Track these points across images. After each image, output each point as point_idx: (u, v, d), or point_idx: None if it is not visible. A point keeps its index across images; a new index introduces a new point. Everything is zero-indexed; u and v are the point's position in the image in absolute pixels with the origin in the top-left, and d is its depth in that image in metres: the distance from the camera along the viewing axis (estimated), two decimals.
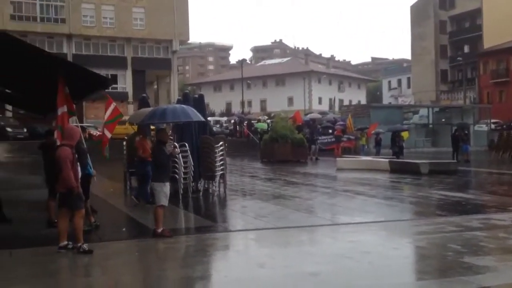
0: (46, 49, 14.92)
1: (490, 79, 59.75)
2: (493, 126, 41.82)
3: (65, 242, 7.66)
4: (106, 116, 11.28)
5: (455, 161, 23.69)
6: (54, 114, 9.57)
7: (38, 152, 10.34)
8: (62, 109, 8.83)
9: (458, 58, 64.43)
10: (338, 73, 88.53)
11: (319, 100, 75.99)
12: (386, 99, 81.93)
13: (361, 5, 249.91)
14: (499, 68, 59.37)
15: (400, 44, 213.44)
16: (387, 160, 22.07)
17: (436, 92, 68.84)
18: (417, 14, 72.37)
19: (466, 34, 67.18)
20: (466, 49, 66.66)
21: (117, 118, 11.61)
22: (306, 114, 44.33)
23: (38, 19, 49.12)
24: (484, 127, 40.59)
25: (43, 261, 7.32)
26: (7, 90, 15.46)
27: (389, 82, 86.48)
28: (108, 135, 11.29)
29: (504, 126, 40.24)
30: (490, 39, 60.35)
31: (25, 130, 35.28)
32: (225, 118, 51.86)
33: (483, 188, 16.95)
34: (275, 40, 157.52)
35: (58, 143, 8.13)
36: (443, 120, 42.27)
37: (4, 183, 11.29)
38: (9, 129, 34.75)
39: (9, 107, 25.44)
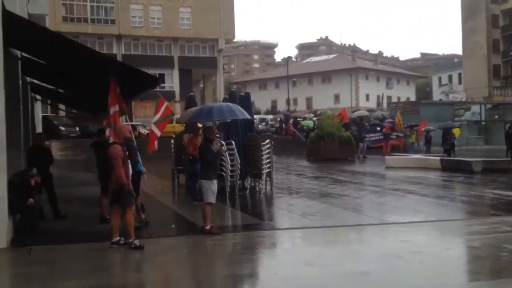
0: (97, 50, 15.32)
1: None
2: None
3: (117, 238, 7.85)
4: (158, 115, 11.46)
5: (509, 159, 22.85)
6: (105, 113, 9.82)
7: (90, 150, 10.65)
8: (114, 108, 9.05)
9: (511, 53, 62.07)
10: (386, 69, 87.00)
11: (367, 97, 74.87)
12: (436, 95, 79.78)
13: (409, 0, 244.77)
14: None
15: (450, 39, 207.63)
16: (438, 158, 21.49)
17: (489, 88, 66.53)
18: (468, 8, 70.13)
19: None
20: None
21: (168, 117, 11.80)
22: (353, 112, 43.78)
23: (89, 21, 50.60)
24: None
25: (97, 256, 7.53)
26: (60, 90, 16.02)
27: (439, 78, 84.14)
28: (158, 133, 11.47)
29: None
30: None
31: (77, 129, 36.42)
32: (270, 116, 51.88)
33: None
34: (321, 37, 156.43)
35: (111, 141, 8.32)
36: (496, 117, 40.85)
37: (59, 180, 11.66)
38: (62, 128, 35.94)
39: (62, 107, 26.36)
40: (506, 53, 65.40)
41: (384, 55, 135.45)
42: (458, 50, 78.43)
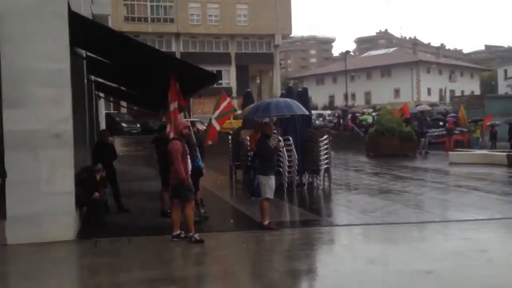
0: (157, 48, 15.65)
1: None
2: None
3: (178, 232, 8.01)
4: (218, 110, 11.58)
5: None
6: (165, 110, 10.03)
7: (151, 146, 10.90)
8: (173, 105, 9.22)
9: None
10: (449, 62, 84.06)
11: (428, 91, 72.69)
12: (502, 89, 76.34)
13: None
14: None
15: None
16: (505, 153, 20.57)
17: None
18: None
19: None
20: None
21: (229, 113, 11.88)
22: (416, 106, 42.61)
23: (149, 20, 51.85)
24: None
25: (158, 249, 7.72)
26: (122, 88, 16.52)
27: (505, 71, 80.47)
28: (217, 127, 11.56)
29: None
30: None
31: (138, 125, 37.44)
32: (328, 112, 51.39)
33: None
34: (380, 31, 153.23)
35: (171, 137, 8.49)
36: None
37: (122, 175, 12.02)
38: (124, 125, 37.05)
39: (124, 104, 27.19)
40: None
41: (447, 47, 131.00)
42: None
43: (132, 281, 6.15)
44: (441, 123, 32.37)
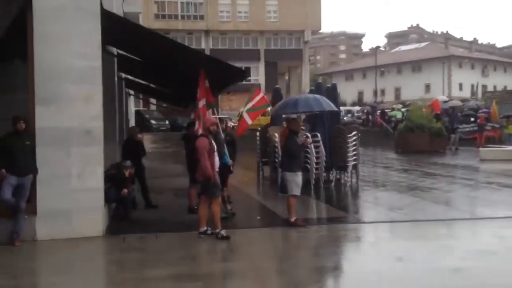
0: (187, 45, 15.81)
1: None
2: None
3: (205, 228, 8.09)
4: (251, 103, 11.56)
5: None
6: (194, 107, 10.10)
7: (180, 142, 10.99)
8: (202, 102, 9.29)
9: None
10: (482, 57, 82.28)
11: (460, 86, 71.35)
12: None
13: None
14: None
15: None
16: None
17: None
18: None
19: None
20: None
21: (262, 107, 11.86)
22: (445, 102, 41.89)
23: (179, 17, 52.32)
24: None
25: (185, 245, 7.81)
26: (152, 85, 16.73)
27: None
28: (249, 121, 11.50)
29: None
30: None
31: (167, 122, 37.83)
32: (357, 108, 50.99)
33: None
34: (411, 25, 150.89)
35: (199, 133, 8.56)
36: None
37: (150, 172, 12.19)
38: (153, 122, 37.52)
39: (153, 101, 27.51)
40: None
41: (480, 42, 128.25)
42: None
43: (159, 277, 6.25)
44: (472, 119, 31.78)
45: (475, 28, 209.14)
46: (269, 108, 14.88)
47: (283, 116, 13.64)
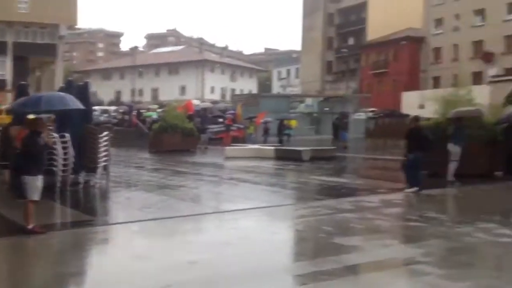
0: None
1: (371, 70, 63.44)
2: (370, 114, 44.48)
3: None
4: None
5: (334, 147, 24.87)
6: None
7: None
8: None
9: (343, 50, 67.50)
10: (231, 62, 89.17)
11: (212, 89, 76.19)
12: (276, 89, 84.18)
13: None
14: (379, 59, 63.14)
15: (292, 35, 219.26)
16: (273, 148, 22.72)
17: (322, 82, 71.86)
18: (308, 6, 74.91)
19: (352, 26, 70.35)
20: (351, 41, 69.99)
21: None
22: (197, 105, 44.20)
23: None
24: (363, 116, 43.08)
25: None
26: None
27: (279, 72, 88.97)
28: None
29: (381, 114, 42.98)
30: (373, 32, 63.94)
31: None
32: (113, 107, 50.26)
33: (357, 173, 18.25)
34: (170, 28, 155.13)
35: None
36: (327, 109, 44.38)
37: None
38: None
39: None
40: (339, 50, 70.99)
41: (230, 48, 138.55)
42: (298, 46, 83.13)
43: None
44: (220, 120, 34.26)
45: (227, 35, 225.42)
46: (4, 107, 13.72)
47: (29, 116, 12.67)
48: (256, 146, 24.90)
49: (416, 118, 12.67)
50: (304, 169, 18.09)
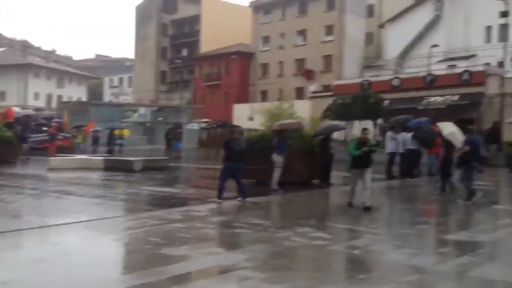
0: None
1: (204, 82, 64.87)
2: (204, 125, 45.43)
3: None
4: None
5: (166, 157, 24.89)
6: None
7: None
8: None
9: (177, 61, 67.97)
10: (59, 67, 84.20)
11: (36, 95, 71.18)
12: (108, 97, 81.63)
13: (88, 1, 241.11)
14: (212, 72, 64.87)
15: (125, 43, 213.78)
16: (102, 158, 21.96)
17: (156, 92, 71.48)
18: (142, 15, 73.95)
19: (185, 38, 71.09)
20: (185, 52, 70.68)
21: None
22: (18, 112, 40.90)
23: None
24: (196, 126, 43.81)
25: None
26: None
27: (111, 80, 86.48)
28: None
29: (214, 125, 44.14)
30: (206, 45, 65.56)
31: None
32: None
33: (189, 183, 18.54)
34: None
35: None
36: (160, 119, 44.28)
37: None
38: None
39: None
40: (173, 61, 71.30)
41: (58, 53, 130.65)
42: (131, 54, 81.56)
43: None
44: (45, 128, 32.13)
45: (54, 39, 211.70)
46: None
47: None
48: (84, 156, 23.80)
49: (232, 131, 13.70)
50: (135, 180, 17.79)
